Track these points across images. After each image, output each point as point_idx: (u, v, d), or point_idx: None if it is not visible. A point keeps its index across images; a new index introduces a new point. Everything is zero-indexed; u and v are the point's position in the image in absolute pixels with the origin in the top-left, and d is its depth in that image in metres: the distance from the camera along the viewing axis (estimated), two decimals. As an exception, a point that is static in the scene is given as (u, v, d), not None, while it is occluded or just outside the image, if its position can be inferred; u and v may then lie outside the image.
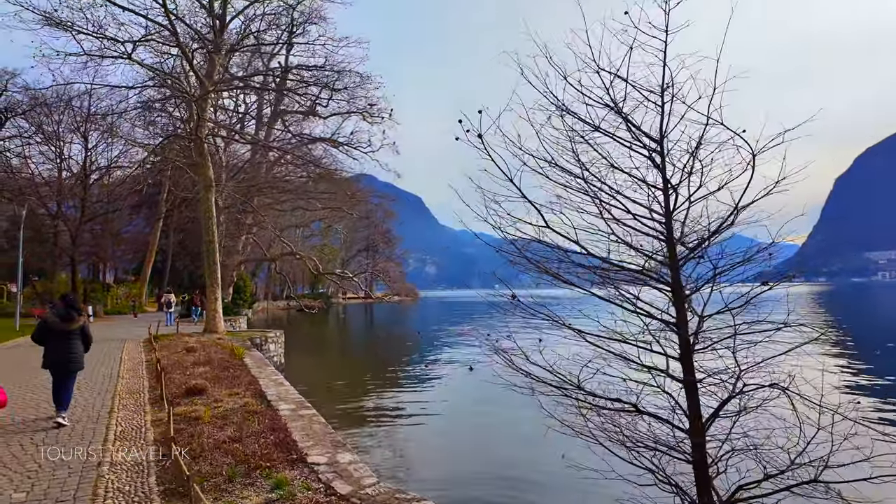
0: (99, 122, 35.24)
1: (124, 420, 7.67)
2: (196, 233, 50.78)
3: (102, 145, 39.01)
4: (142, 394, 9.41)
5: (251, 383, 10.13)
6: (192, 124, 20.45)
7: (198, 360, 13.11)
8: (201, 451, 6.01)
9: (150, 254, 46.22)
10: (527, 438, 11.58)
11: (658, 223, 4.84)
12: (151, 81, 21.36)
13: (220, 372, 11.36)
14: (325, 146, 30.88)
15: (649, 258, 4.91)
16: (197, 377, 10.63)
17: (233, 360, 13.22)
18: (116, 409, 8.31)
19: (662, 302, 5.29)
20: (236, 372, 11.41)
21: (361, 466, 5.49)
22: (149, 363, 13.12)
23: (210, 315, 20.29)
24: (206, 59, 22.14)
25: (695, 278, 4.80)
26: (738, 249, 4.73)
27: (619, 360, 5.30)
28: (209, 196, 20.59)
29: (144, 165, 35.41)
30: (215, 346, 16.19)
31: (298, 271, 69.22)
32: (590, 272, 5.18)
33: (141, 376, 11.27)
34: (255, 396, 9.00)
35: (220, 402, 8.61)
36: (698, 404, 4.50)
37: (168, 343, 16.67)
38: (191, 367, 12.04)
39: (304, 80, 23.06)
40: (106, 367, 12.33)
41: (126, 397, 9.12)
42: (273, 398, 8.72)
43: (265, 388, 9.62)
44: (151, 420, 7.66)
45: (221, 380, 10.44)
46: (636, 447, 4.73)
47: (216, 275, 20.42)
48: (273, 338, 20.40)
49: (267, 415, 7.69)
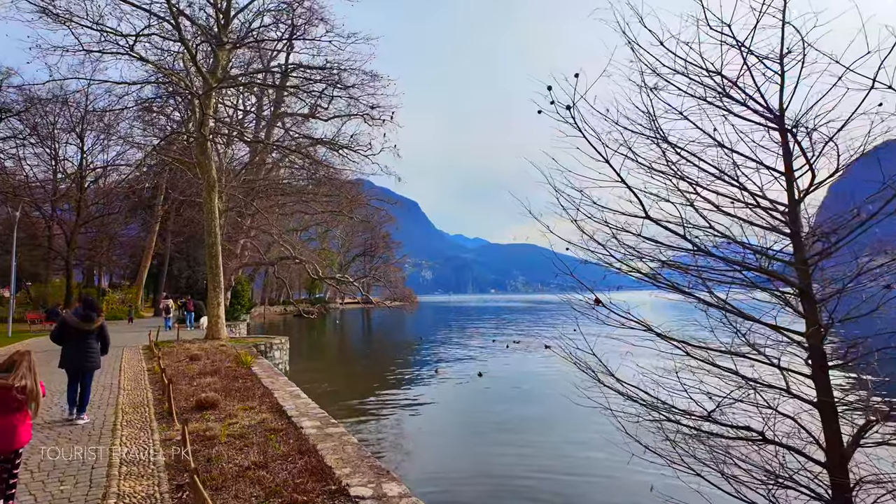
0: (95, 122, 34.45)
1: (129, 439, 6.82)
2: (194, 236, 49.99)
3: (99, 147, 38.19)
4: (146, 408, 8.56)
5: (265, 395, 9.29)
6: (193, 123, 19.66)
7: (204, 369, 12.26)
8: (223, 481, 5.18)
9: (146, 258, 45.19)
10: (565, 453, 10.77)
11: (777, 214, 4.10)
12: (152, 78, 20.52)
13: (230, 383, 10.51)
14: (324, 150, 30.20)
15: (767, 256, 4.15)
16: (206, 389, 9.78)
17: (241, 369, 12.38)
18: (120, 425, 7.46)
19: (760, 309, 4.52)
20: (247, 382, 10.57)
21: (416, 502, 4.67)
22: (151, 372, 12.25)
23: (212, 321, 19.40)
24: (208, 55, 21.37)
25: (825, 279, 4.04)
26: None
27: (706, 374, 4.53)
28: (212, 197, 19.74)
29: (142, 167, 34.55)
30: (220, 353, 15.34)
31: (295, 276, 68.37)
32: (688, 272, 4.40)
33: (144, 387, 10.41)
34: (273, 411, 8.17)
35: (235, 417, 7.77)
36: (838, 431, 3.72)
37: (169, 350, 15.79)
38: (197, 378, 11.19)
39: (310, 77, 22.22)
40: (105, 378, 11.46)
41: (130, 412, 8.27)
42: (293, 413, 7.89)
43: (282, 401, 8.79)
44: (160, 440, 6.82)
45: (232, 392, 9.60)
46: (751, 481, 3.94)
47: (219, 278, 19.55)
48: (278, 344, 19.51)
49: (290, 433, 6.87)
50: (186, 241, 52.19)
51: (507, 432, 12.74)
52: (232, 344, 18.13)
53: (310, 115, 26.93)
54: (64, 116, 34.61)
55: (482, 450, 11.47)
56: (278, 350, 19.44)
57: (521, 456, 10.75)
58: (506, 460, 10.54)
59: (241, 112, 30.57)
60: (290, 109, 30.94)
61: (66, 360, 7.62)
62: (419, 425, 13.76)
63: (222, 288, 19.79)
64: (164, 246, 49.73)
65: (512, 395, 17.42)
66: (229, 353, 15.57)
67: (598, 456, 9.93)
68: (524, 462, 10.33)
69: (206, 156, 19.45)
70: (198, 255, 53.55)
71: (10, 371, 4.63)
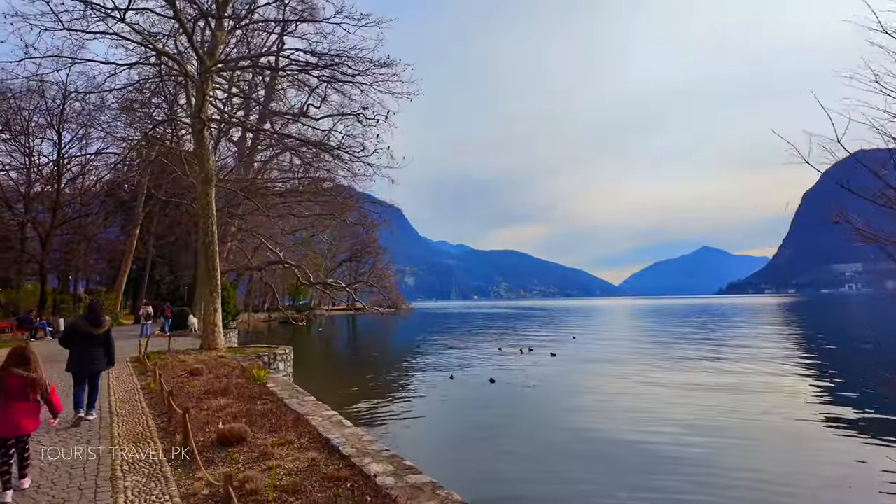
0: (74, 117, 32.08)
1: (137, 494, 4.97)
2: (178, 240, 47.48)
3: (77, 144, 35.64)
4: (152, 443, 6.67)
5: (299, 423, 7.46)
6: (188, 109, 17.69)
7: (210, 386, 10.34)
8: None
9: (125, 263, 42.55)
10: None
11: None
12: (143, 57, 18.45)
13: (249, 405, 8.64)
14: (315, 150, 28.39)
15: None
16: (222, 414, 7.91)
17: (254, 386, 10.48)
18: (120, 471, 5.59)
19: None
20: (269, 405, 8.71)
21: None
22: (147, 391, 10.30)
23: (209, 329, 17.36)
24: (204, 38, 19.45)
25: None
26: None
27: None
28: (208, 191, 17.77)
29: (126, 160, 32.23)
30: (222, 366, 13.39)
31: (279, 281, 66.06)
32: None
33: (142, 412, 8.49)
34: (319, 447, 6.35)
35: (273, 457, 5.95)
36: None
37: (163, 363, 13.78)
38: (205, 398, 9.28)
39: (316, 64, 20.29)
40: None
41: (130, 449, 6.38)
42: (348, 451, 6.08)
43: (324, 431, 6.97)
44: (181, 494, 4.98)
45: (257, 418, 7.75)
46: None
47: (216, 282, 17.56)
48: (282, 354, 17.53)
49: (360, 485, 5.08)
50: (169, 245, 49.64)
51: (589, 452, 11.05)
52: (232, 355, 16.16)
53: (300, 114, 25.08)
54: (40, 110, 32.15)
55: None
56: (282, 361, 17.47)
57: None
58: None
59: (238, 99, 28.41)
60: (281, 108, 28.99)
61: (74, 363, 7.75)
62: (469, 442, 11.98)
63: (219, 293, 17.78)
64: (146, 250, 47.15)
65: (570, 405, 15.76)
66: (232, 365, 13.64)
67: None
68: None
69: (203, 145, 17.50)
70: (182, 259, 51.01)
71: (27, 365, 5.33)
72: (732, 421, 13.87)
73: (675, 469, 10.00)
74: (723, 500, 8.58)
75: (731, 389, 18.06)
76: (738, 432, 12.70)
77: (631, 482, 9.34)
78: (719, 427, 13.19)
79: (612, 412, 15.09)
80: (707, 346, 32.53)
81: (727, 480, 9.38)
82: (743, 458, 10.76)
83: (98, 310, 8.00)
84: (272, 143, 30.30)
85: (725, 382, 19.44)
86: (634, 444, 11.80)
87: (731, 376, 20.66)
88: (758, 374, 21.00)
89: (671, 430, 12.87)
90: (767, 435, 12.48)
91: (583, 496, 8.84)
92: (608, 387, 18.99)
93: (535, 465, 10.51)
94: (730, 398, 16.68)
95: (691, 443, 11.82)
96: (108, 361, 8.12)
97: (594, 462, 10.65)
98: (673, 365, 24.01)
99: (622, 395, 17.57)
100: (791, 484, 9.16)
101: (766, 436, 12.41)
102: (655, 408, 15.44)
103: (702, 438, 12.13)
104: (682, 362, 24.86)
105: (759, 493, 8.79)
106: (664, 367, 23.27)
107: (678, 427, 13.17)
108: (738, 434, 12.53)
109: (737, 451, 11.30)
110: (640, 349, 31.45)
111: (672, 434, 12.56)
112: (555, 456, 11.11)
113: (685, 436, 12.38)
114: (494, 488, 9.18)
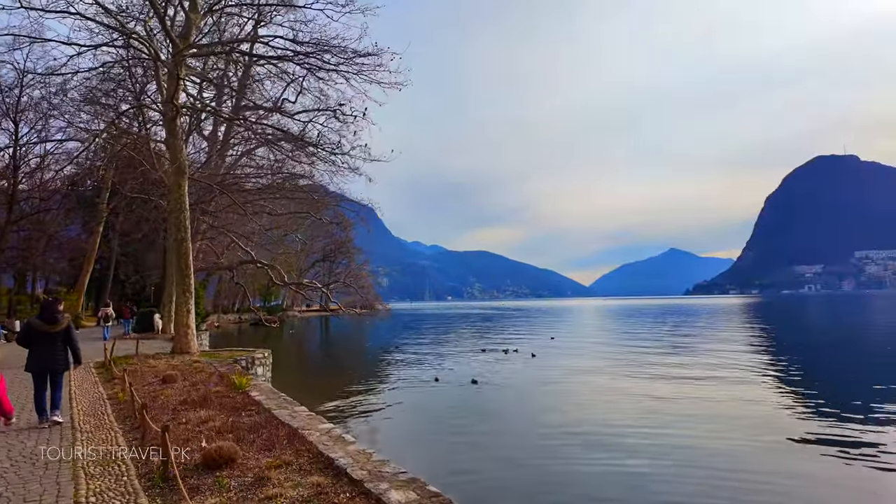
0: (32, 108, 30.15)
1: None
2: (145, 238, 45.40)
3: (36, 136, 33.52)
4: (124, 466, 5.71)
5: (294, 439, 6.58)
6: (160, 97, 16.52)
7: (187, 395, 9.34)
8: None
9: (87, 262, 40.40)
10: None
11: None
12: (109, 39, 17.07)
13: (234, 418, 7.71)
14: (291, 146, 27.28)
15: None
16: (203, 429, 6.98)
17: (236, 395, 9.52)
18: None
19: None
20: (256, 417, 7.79)
21: None
22: (114, 401, 9.25)
23: (181, 332, 16.18)
24: (175, 17, 18.21)
25: None
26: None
27: None
28: (181, 184, 16.58)
29: (87, 156, 30.41)
30: (198, 372, 12.33)
31: (249, 281, 64.15)
32: None
33: (109, 426, 7.48)
34: (322, 469, 5.51)
35: (269, 483, 5.08)
36: None
37: (132, 368, 12.64)
38: (182, 409, 8.31)
39: (296, 51, 19.19)
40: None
41: (99, 477, 5.41)
42: (359, 473, 5.24)
43: (324, 448, 6.11)
44: (163, 536, 4.09)
45: (243, 432, 6.84)
46: None
47: (189, 281, 16.39)
48: (261, 359, 16.47)
49: (380, 516, 4.28)
50: (135, 243, 47.47)
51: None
52: (207, 359, 15.05)
53: (274, 109, 23.88)
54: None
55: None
56: (261, 366, 16.42)
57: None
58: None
59: (211, 93, 27.03)
60: (252, 103, 27.65)
61: (32, 363, 7.57)
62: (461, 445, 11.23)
63: (192, 292, 16.60)
64: (110, 248, 44.98)
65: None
66: (209, 371, 12.59)
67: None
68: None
69: (175, 135, 16.33)
70: (148, 258, 48.87)
71: None
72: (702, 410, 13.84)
73: (672, 463, 9.48)
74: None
75: (704, 381, 17.93)
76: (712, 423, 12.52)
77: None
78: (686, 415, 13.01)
79: (629, 412, 14.57)
80: (678, 346, 32.57)
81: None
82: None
83: (52, 308, 7.74)
84: (248, 137, 28.96)
85: (695, 375, 19.55)
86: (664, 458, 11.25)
87: (704, 372, 20.65)
88: (730, 369, 21.38)
89: (673, 422, 12.43)
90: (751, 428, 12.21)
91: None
92: (611, 386, 18.51)
93: (530, 468, 9.88)
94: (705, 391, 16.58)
95: (668, 433, 11.51)
96: (75, 360, 7.89)
97: (596, 454, 10.03)
98: (658, 361, 23.95)
99: (623, 396, 17.10)
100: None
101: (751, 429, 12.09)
102: (662, 406, 15.01)
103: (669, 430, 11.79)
104: (664, 359, 24.70)
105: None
106: (646, 367, 23.16)
107: (670, 418, 12.76)
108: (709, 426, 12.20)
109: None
110: (622, 349, 31.29)
111: (664, 425, 12.13)
112: (551, 459, 10.48)
113: (667, 428, 11.97)
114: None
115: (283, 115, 21.92)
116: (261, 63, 20.98)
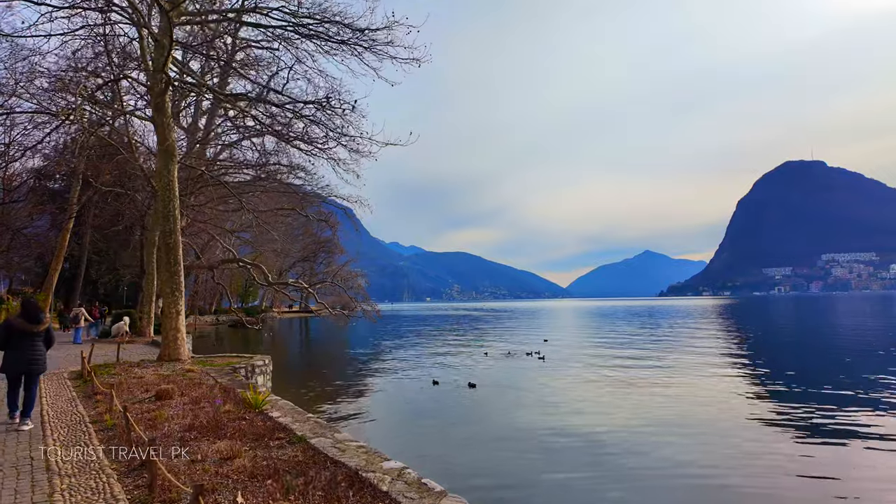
0: None
1: None
2: (119, 235, 42.67)
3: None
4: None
5: (355, 485, 4.83)
6: (145, 70, 14.47)
7: (192, 417, 7.46)
8: None
9: (56, 260, 37.42)
10: None
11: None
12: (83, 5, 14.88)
13: (261, 450, 5.89)
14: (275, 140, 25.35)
15: None
16: (229, 471, 5.18)
17: (251, 415, 7.68)
18: None
19: None
20: (289, 450, 5.99)
21: None
22: (99, 425, 7.35)
23: (170, 336, 14.13)
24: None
25: None
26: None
27: None
28: (170, 167, 14.55)
29: (58, 140, 27.81)
30: (194, 384, 10.39)
31: (227, 281, 61.55)
32: None
33: (98, 467, 5.60)
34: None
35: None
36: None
37: (118, 380, 10.64)
38: (190, 438, 6.46)
39: (298, 23, 17.23)
40: (17, 439, 6.53)
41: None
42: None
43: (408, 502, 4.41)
44: None
45: (284, 476, 5.07)
46: None
47: (179, 278, 14.37)
48: (261, 366, 14.55)
49: None
50: (109, 241, 44.62)
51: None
52: (201, 368, 13.09)
53: (259, 100, 21.84)
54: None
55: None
56: (261, 374, 14.50)
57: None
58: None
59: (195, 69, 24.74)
60: (251, 81, 25.54)
61: (9, 364, 7.32)
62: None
63: (182, 291, 14.57)
64: (81, 246, 42.12)
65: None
66: (208, 383, 10.67)
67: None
68: None
69: (164, 112, 14.31)
70: (122, 256, 46.02)
71: None
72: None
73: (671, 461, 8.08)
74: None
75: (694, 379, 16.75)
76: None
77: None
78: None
79: (632, 411, 13.12)
80: (684, 350, 31.61)
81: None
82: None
83: (34, 307, 7.57)
84: (238, 125, 26.84)
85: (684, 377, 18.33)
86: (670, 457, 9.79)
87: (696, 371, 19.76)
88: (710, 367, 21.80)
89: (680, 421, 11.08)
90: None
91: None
92: (618, 389, 17.11)
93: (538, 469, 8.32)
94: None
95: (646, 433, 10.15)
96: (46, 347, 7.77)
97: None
98: (656, 361, 23.14)
99: (626, 395, 15.78)
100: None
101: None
102: (663, 407, 13.65)
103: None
104: (658, 360, 23.66)
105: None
106: (645, 366, 22.35)
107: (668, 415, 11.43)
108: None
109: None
110: (619, 350, 30.26)
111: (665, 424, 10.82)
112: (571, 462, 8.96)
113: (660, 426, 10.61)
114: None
115: (268, 103, 20.08)
116: (260, 38, 18.90)
